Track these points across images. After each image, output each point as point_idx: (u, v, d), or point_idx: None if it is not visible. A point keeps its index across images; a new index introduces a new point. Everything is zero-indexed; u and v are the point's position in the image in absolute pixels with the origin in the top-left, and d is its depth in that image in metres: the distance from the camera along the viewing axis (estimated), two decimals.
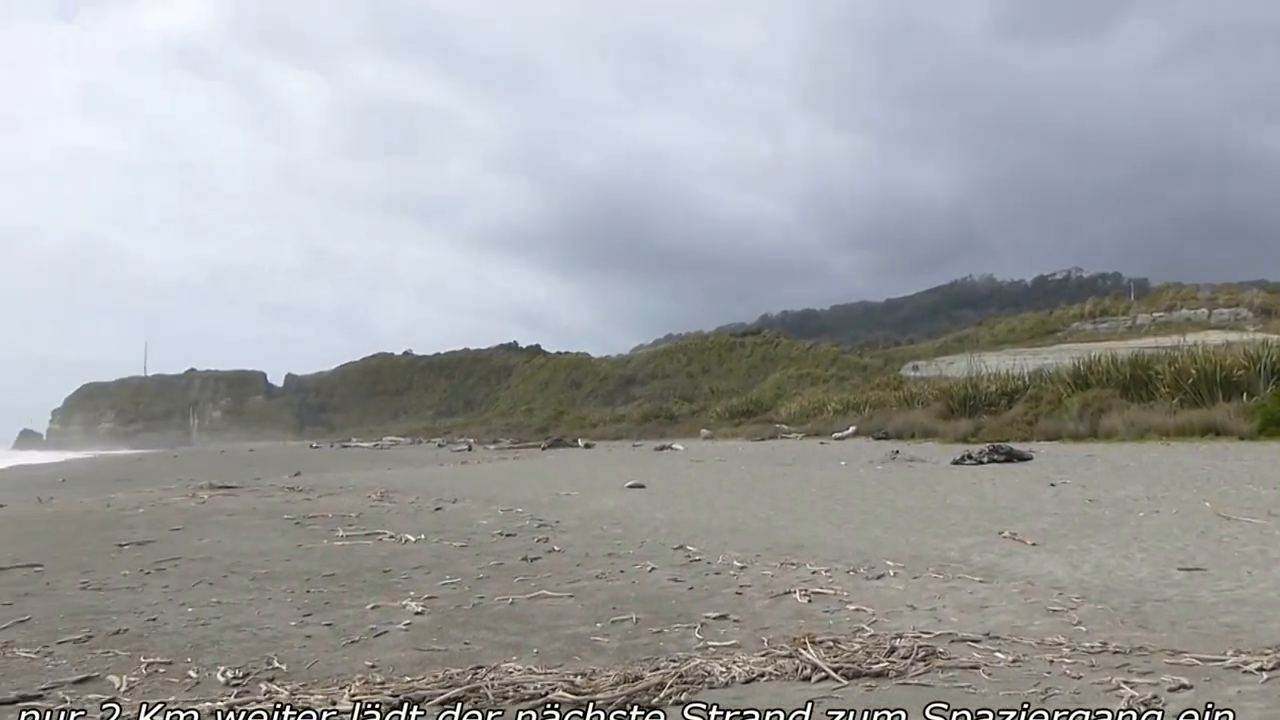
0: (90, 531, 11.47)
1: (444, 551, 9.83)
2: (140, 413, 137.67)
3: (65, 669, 5.35)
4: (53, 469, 43.88)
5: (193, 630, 6.31)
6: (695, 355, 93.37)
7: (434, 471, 26.65)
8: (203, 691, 4.93)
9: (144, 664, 5.42)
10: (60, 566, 8.84)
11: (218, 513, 13.58)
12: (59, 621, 6.53)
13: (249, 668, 5.34)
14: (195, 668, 5.37)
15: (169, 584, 7.98)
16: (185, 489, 18.36)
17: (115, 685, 5.03)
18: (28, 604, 7.13)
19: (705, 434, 47.47)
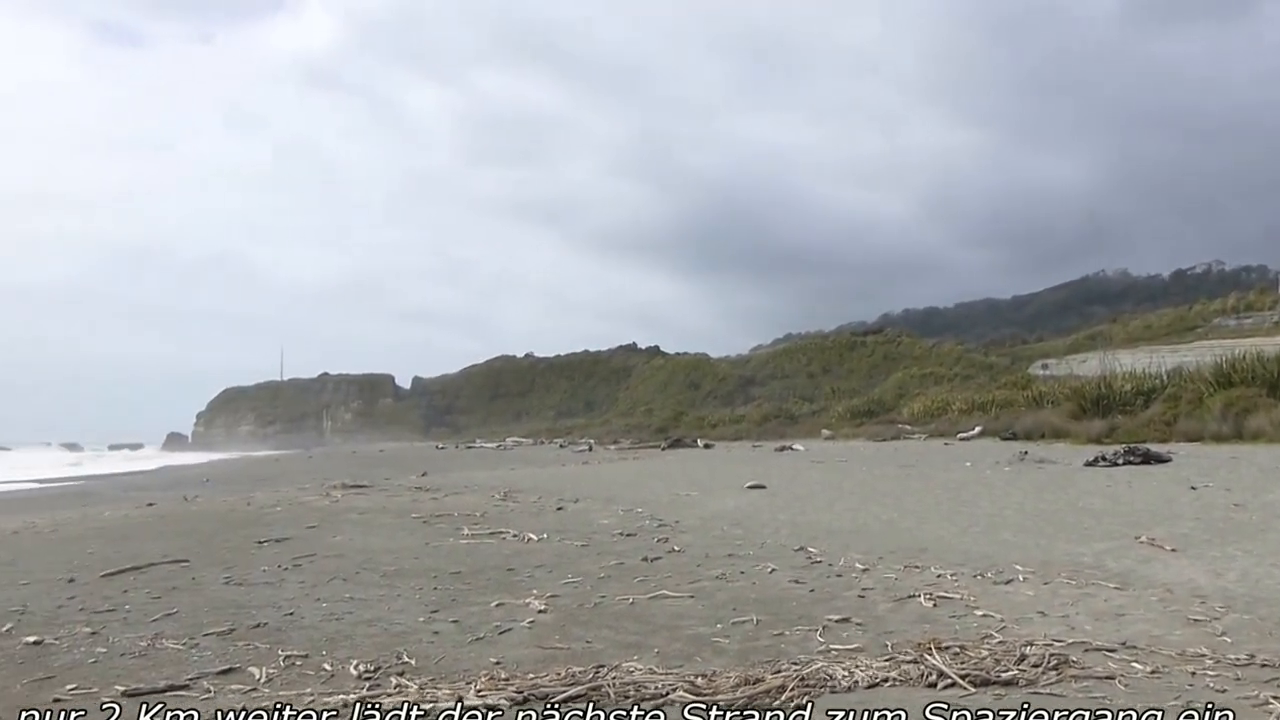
0: (232, 529, 12.01)
1: (566, 551, 9.96)
2: (277, 415, 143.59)
3: (210, 660, 5.62)
4: (197, 469, 46.15)
5: (327, 625, 6.55)
6: (815, 355, 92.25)
7: (555, 472, 27.02)
8: (336, 684, 5.12)
9: (282, 656, 5.65)
10: (205, 562, 9.29)
11: (350, 511, 14.05)
12: (204, 615, 6.86)
13: (380, 662, 5.52)
14: (329, 661, 5.57)
15: (305, 580, 8.30)
16: (319, 488, 19.05)
17: (256, 676, 5.26)
18: (175, 598, 7.51)
19: (826, 434, 46.85)
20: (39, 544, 11.16)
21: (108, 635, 6.23)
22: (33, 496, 27.28)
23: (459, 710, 4.49)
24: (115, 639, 6.12)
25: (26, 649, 5.90)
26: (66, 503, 21.04)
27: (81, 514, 15.80)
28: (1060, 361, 57.22)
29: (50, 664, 5.55)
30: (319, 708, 4.62)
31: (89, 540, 11.22)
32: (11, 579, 8.49)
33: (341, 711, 4.57)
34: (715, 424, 64.55)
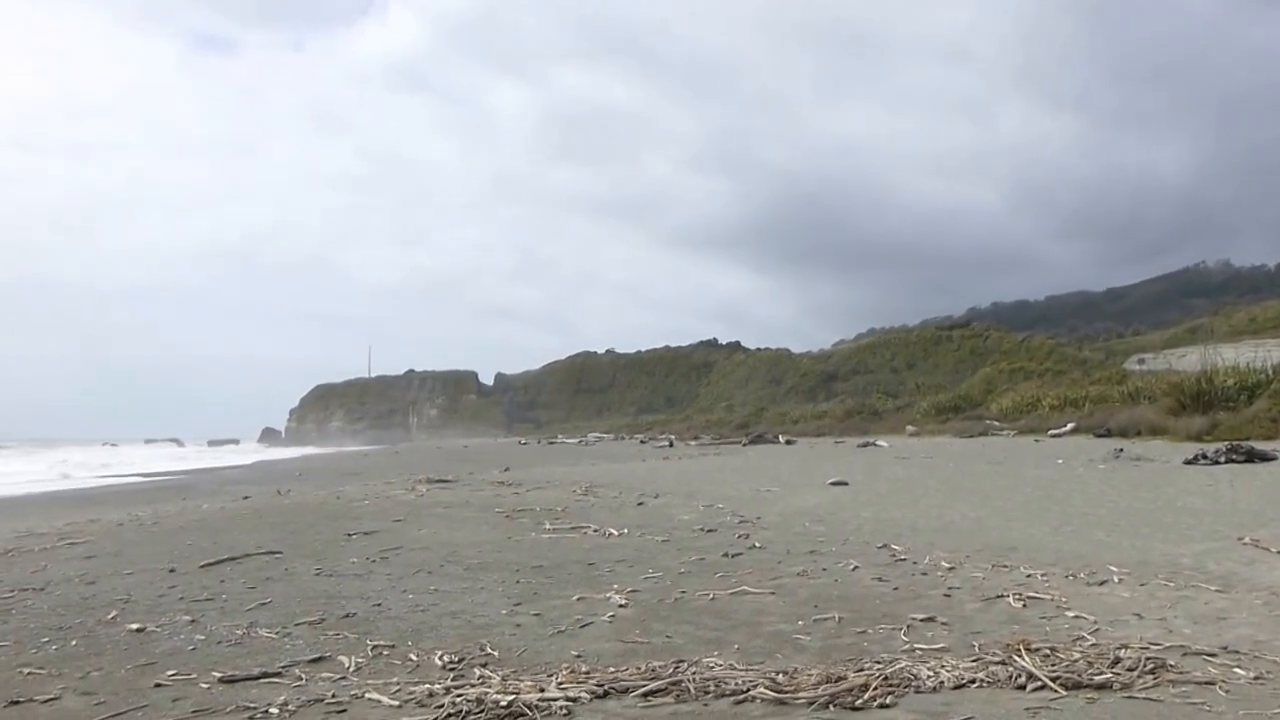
0: (323, 522, 12.31)
1: (646, 546, 9.99)
2: (365, 411, 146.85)
3: (301, 649, 5.78)
4: (290, 463, 47.41)
5: (413, 616, 6.68)
6: (899, 350, 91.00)
7: (636, 467, 27.10)
8: (422, 674, 5.22)
9: (370, 646, 5.78)
10: (297, 554, 9.54)
11: (435, 505, 14.29)
12: (296, 605, 7.05)
13: (464, 653, 5.61)
14: (415, 651, 5.68)
15: (392, 572, 8.48)
16: (406, 483, 19.42)
17: (345, 665, 5.39)
18: (269, 588, 7.73)
19: (910, 430, 46.16)
20: (142, 536, 11.59)
21: (206, 624, 6.44)
22: (136, 490, 28.33)
23: (541, 701, 4.55)
24: (213, 627, 6.33)
25: (130, 636, 6.14)
26: (167, 496, 21.80)
27: (181, 507, 16.36)
28: (1158, 356, 55.52)
29: (152, 650, 5.77)
30: (405, 697, 4.71)
31: (188, 532, 11.61)
32: (116, 569, 8.83)
33: (426, 701, 4.65)
34: (797, 420, 64.11)
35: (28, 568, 9.13)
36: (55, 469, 46.63)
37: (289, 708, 4.58)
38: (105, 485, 33.20)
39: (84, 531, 12.17)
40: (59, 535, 11.85)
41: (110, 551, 10.09)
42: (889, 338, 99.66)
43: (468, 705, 4.50)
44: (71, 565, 9.18)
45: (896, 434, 45.53)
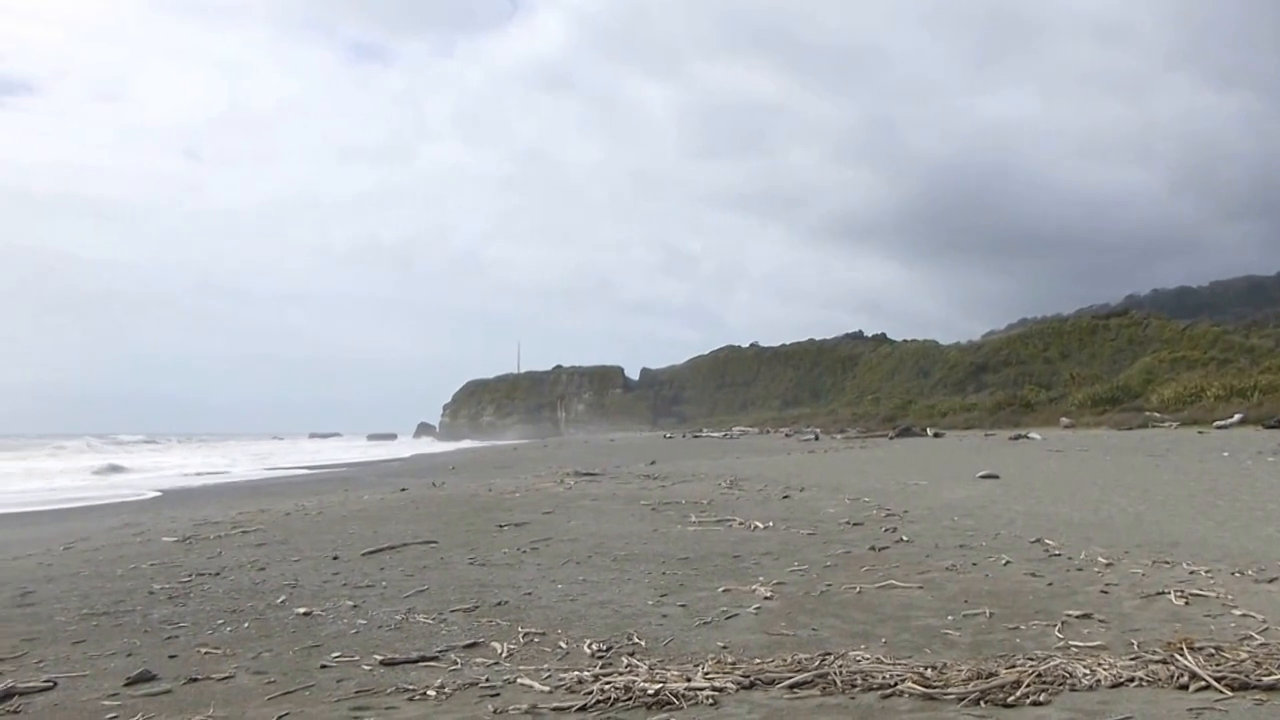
0: (475, 513, 12.72)
1: (792, 539, 9.95)
2: (515, 406, 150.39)
3: (456, 635, 6.01)
4: (444, 457, 49.01)
5: (562, 605, 6.84)
6: (1053, 339, 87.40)
7: (781, 460, 26.94)
8: (571, 661, 5.35)
9: (521, 634, 5.96)
10: (451, 544, 9.90)
11: (583, 498, 14.57)
12: (451, 592, 7.32)
13: (611, 641, 5.72)
14: (565, 639, 5.83)
15: (541, 562, 8.70)
16: (554, 476, 19.86)
17: (498, 651, 5.58)
18: (426, 576, 8.05)
19: (1065, 423, 44.38)
20: (307, 525, 12.21)
21: (367, 609, 6.76)
22: (302, 482, 29.82)
23: (688, 690, 4.61)
24: (374, 612, 6.64)
25: (298, 619, 6.50)
26: (330, 488, 22.87)
27: (344, 498, 17.15)
28: None
29: (318, 633, 6.09)
30: (555, 683, 4.85)
31: (350, 522, 12.18)
32: (284, 556, 9.35)
33: (575, 687, 4.77)
34: (945, 412, 62.45)
35: (205, 554, 9.75)
36: (228, 462, 49.56)
37: (445, 690, 4.77)
38: (273, 477, 35.05)
39: (255, 520, 12.91)
40: (232, 524, 12.59)
41: (279, 540, 10.67)
42: (1042, 327, 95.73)
43: (616, 692, 4.60)
44: (244, 552, 9.75)
45: (1050, 426, 43.84)
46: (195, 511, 16.14)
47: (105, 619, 6.66)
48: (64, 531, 13.79)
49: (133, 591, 7.66)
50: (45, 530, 14.84)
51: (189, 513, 16.04)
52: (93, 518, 17.78)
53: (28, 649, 5.86)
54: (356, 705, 4.57)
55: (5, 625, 6.55)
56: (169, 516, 15.65)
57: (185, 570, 8.64)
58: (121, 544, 11.05)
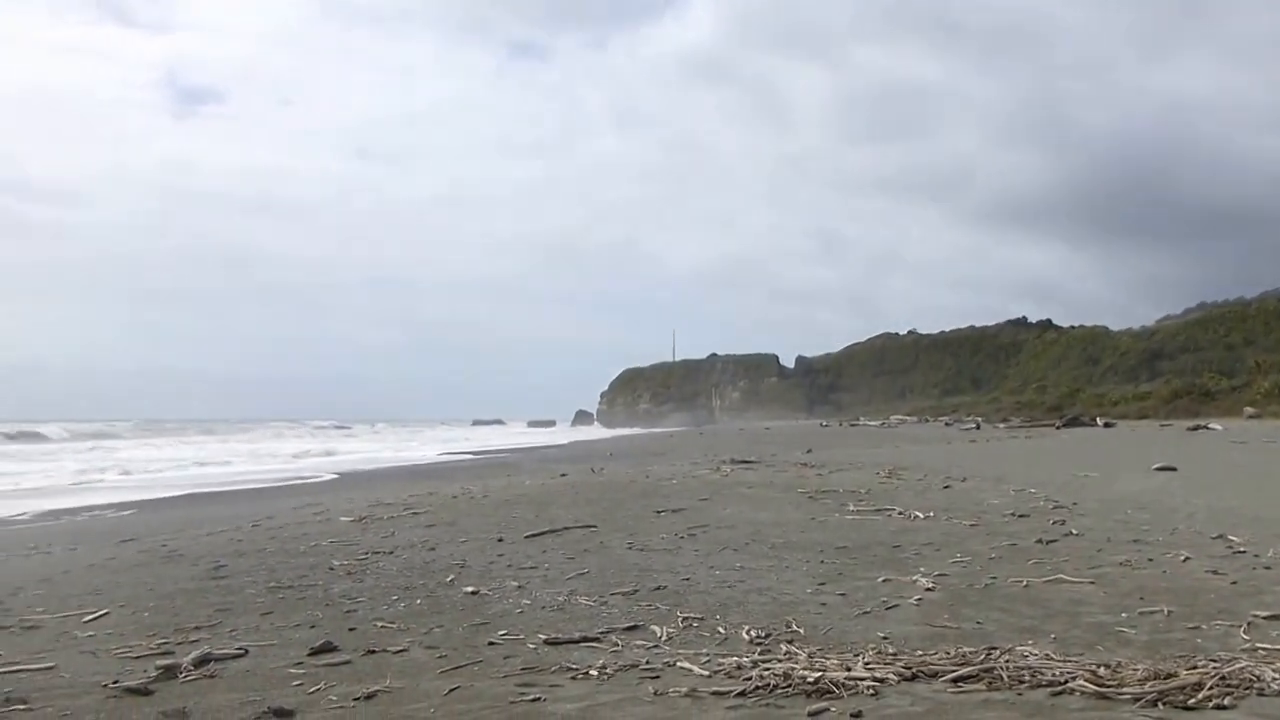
0: (633, 499, 12.90)
1: (953, 530, 9.70)
2: (670, 394, 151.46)
3: (617, 617, 6.12)
4: (602, 443, 49.84)
5: (720, 591, 6.88)
6: (1235, 325, 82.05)
7: (941, 450, 26.26)
8: (730, 646, 5.38)
9: (680, 618, 6.03)
10: (610, 528, 10.08)
11: (739, 485, 14.58)
12: (610, 576, 7.46)
13: (770, 629, 5.72)
14: (723, 625, 5.86)
15: (699, 548, 8.76)
16: (710, 463, 19.93)
17: (657, 634, 5.66)
18: (586, 560, 8.23)
19: (1249, 413, 41.63)
20: (473, 508, 12.65)
21: (531, 590, 6.97)
22: (467, 466, 30.89)
23: (849, 680, 4.57)
24: (537, 593, 6.84)
25: (466, 598, 6.75)
26: (494, 472, 23.60)
27: (507, 482, 17.69)
28: None
29: (485, 612, 6.32)
30: (714, 668, 4.89)
31: (514, 506, 12.55)
32: (452, 537, 9.72)
33: (734, 673, 4.79)
34: (1116, 401, 59.51)
35: (379, 534, 10.23)
36: (393, 447, 51.78)
37: (607, 670, 4.88)
38: (440, 461, 36.42)
39: (424, 503, 13.46)
40: (403, 505, 13.17)
41: (447, 521, 11.10)
42: (1223, 312, 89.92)
43: (775, 679, 4.60)
44: (415, 533, 10.18)
45: (1232, 417, 41.21)
46: (369, 493, 16.94)
47: (290, 592, 7.09)
48: (252, 510, 14.70)
49: (314, 567, 8.12)
50: (237, 508, 15.86)
51: (364, 494, 16.85)
52: (278, 497, 18.91)
53: (221, 619, 6.29)
54: (523, 682, 4.72)
55: (202, 596, 7.05)
56: (346, 497, 16.49)
57: (362, 548, 9.09)
58: (304, 522, 11.71)
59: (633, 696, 4.48)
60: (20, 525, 15.09)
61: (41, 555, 10.22)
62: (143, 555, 9.44)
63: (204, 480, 26.63)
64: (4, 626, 6.31)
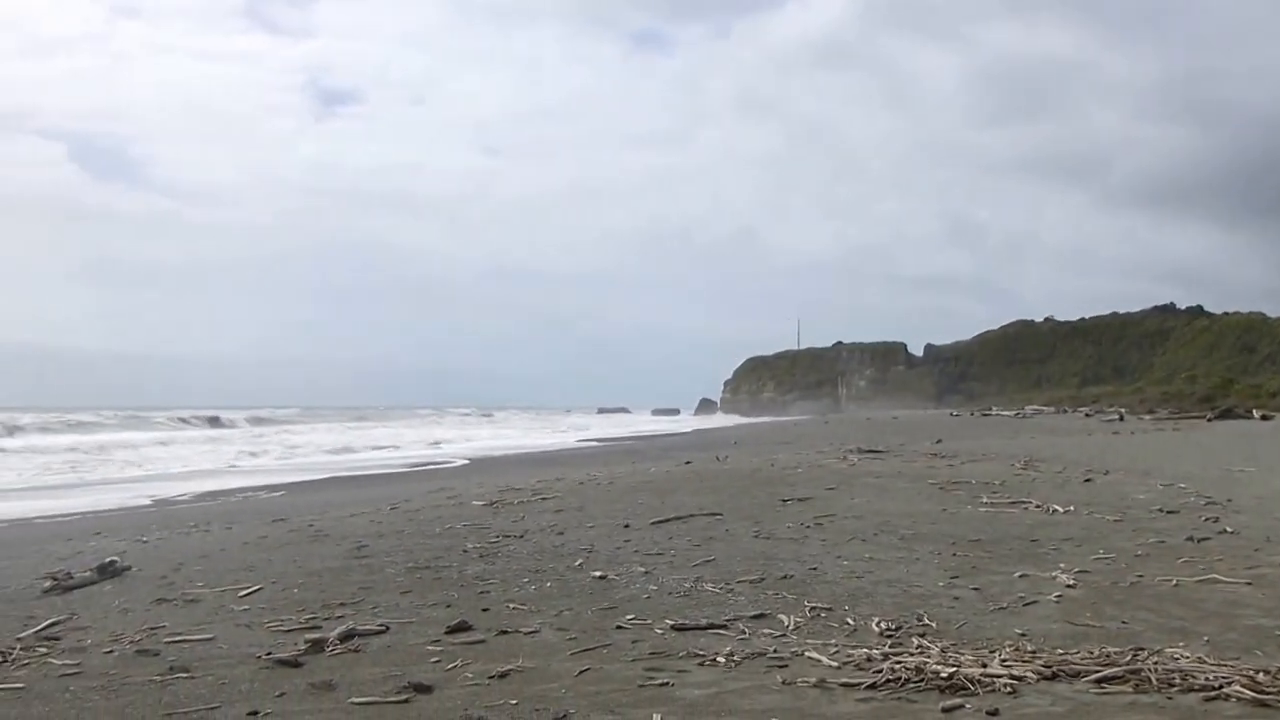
0: (758, 487, 12.84)
1: (1095, 525, 9.34)
2: (795, 383, 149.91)
3: (743, 605, 6.11)
4: (725, 432, 49.74)
5: (848, 581, 6.79)
6: None
7: (1080, 441, 25.28)
8: (859, 638, 5.31)
9: (807, 607, 5.98)
10: (735, 516, 10.05)
11: (866, 475, 14.34)
12: (736, 564, 7.45)
13: (900, 621, 5.63)
14: (852, 616, 5.79)
15: (826, 538, 8.67)
16: (836, 452, 19.65)
17: (784, 623, 5.63)
18: (711, 547, 8.24)
19: None
20: (599, 494, 12.80)
21: (657, 575, 7.02)
22: (592, 453, 31.29)
23: (984, 676, 4.46)
24: (663, 579, 6.88)
25: (594, 582, 6.84)
26: (619, 459, 23.82)
27: (632, 469, 17.82)
28: None
29: (613, 596, 6.39)
30: (843, 659, 4.83)
31: (639, 492, 12.64)
32: (580, 522, 9.86)
33: (864, 665, 4.73)
34: (1275, 393, 56.06)
35: (509, 518, 10.45)
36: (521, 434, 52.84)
37: (734, 658, 4.88)
38: (566, 448, 36.99)
39: (552, 488, 13.68)
40: (532, 491, 13.41)
41: (574, 506, 11.26)
42: None
43: (906, 673, 4.52)
44: (544, 517, 10.37)
45: None
46: (499, 478, 17.33)
47: (427, 573, 7.31)
48: (390, 494, 15.22)
49: (449, 549, 8.35)
50: (376, 491, 16.45)
51: (494, 479, 17.25)
52: (414, 481, 19.54)
53: (364, 596, 6.54)
54: (650, 666, 4.76)
55: (345, 575, 7.34)
56: (477, 482, 16.90)
57: (493, 532, 9.31)
58: (438, 506, 12.06)
59: (760, 685, 4.47)
60: (182, 505, 15.98)
61: (200, 533, 10.79)
62: (291, 534, 9.87)
63: (346, 465, 27.71)
64: (168, 599, 6.70)
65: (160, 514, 14.37)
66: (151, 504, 16.38)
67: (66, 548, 9.92)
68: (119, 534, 11.04)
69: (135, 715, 4.19)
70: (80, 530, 11.88)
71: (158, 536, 10.55)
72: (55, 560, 8.78)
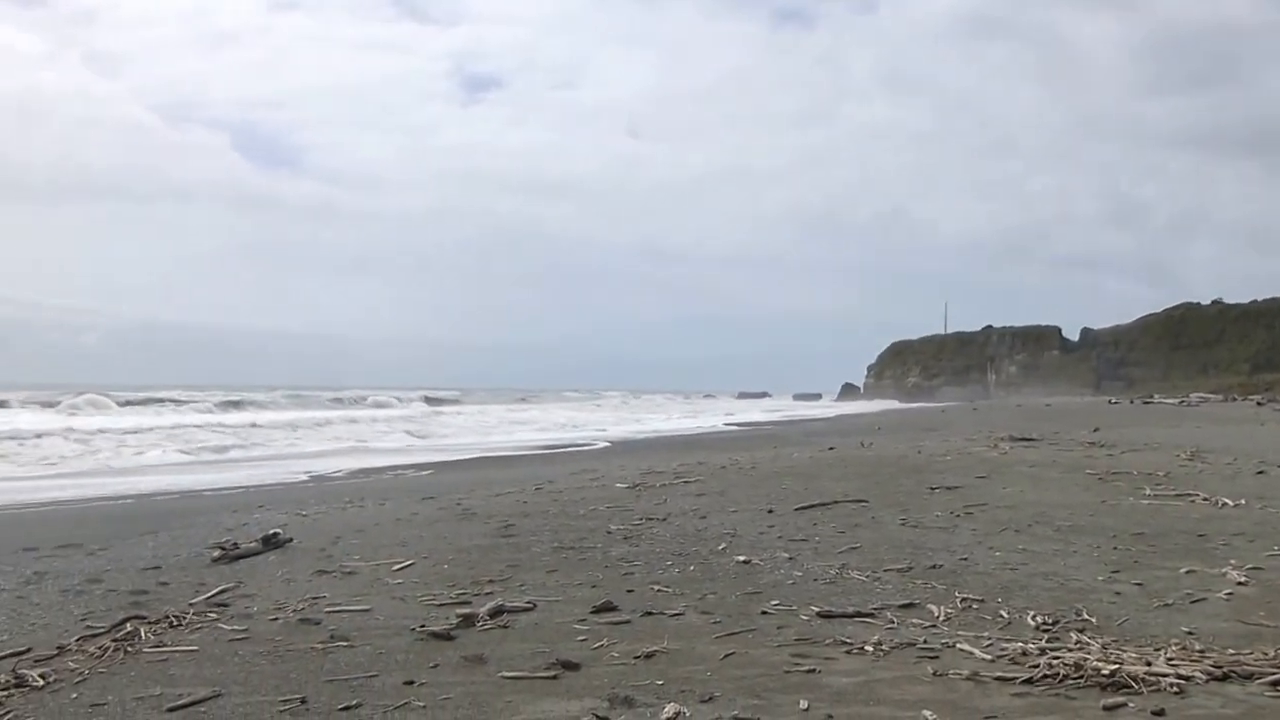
0: (905, 474, 12.57)
1: (1270, 519, 8.79)
2: (942, 368, 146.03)
3: (890, 594, 6.00)
4: (868, 417, 48.92)
5: (1001, 573, 6.59)
6: None
7: (1252, 431, 23.83)
8: (1013, 631, 5.15)
9: (958, 599, 5.83)
10: (881, 503, 9.87)
11: (1019, 463, 13.87)
12: (884, 552, 7.32)
13: (1057, 615, 5.42)
14: (1005, 609, 5.61)
15: (977, 528, 8.42)
16: (986, 440, 19.06)
17: (934, 614, 5.50)
18: (857, 534, 8.12)
19: None
20: (741, 478, 12.77)
21: (802, 562, 6.96)
22: (733, 437, 31.24)
23: (1148, 674, 4.26)
24: (808, 565, 6.82)
25: (738, 567, 6.84)
26: (759, 444, 23.70)
27: (773, 454, 17.71)
28: None
29: (757, 581, 6.37)
30: (997, 652, 4.69)
31: (782, 478, 12.55)
32: (722, 507, 9.86)
33: (1019, 659, 4.58)
34: None
35: (652, 500, 10.54)
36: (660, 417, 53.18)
37: (882, 647, 4.79)
38: (707, 432, 37.04)
39: (694, 472, 13.73)
40: (673, 474, 13.48)
41: (716, 491, 11.27)
42: None
43: (1065, 669, 4.35)
44: (686, 501, 10.41)
45: None
46: (640, 461, 17.48)
47: (572, 553, 7.44)
48: (534, 474, 15.56)
49: (593, 530, 8.48)
50: (520, 472, 16.84)
51: (635, 462, 17.41)
52: (557, 463, 19.91)
53: (511, 574, 6.71)
54: (796, 652, 4.73)
55: (493, 552, 7.54)
56: (618, 465, 17.10)
57: (636, 514, 9.40)
58: (582, 487, 12.26)
59: (910, 675, 4.39)
60: (337, 482, 16.72)
61: (355, 509, 11.27)
62: (441, 512, 10.21)
63: (490, 446, 28.48)
64: (327, 571, 7.03)
65: (317, 489, 15.07)
66: (309, 479, 17.19)
67: (232, 519, 10.51)
68: (280, 507, 11.63)
69: (299, 680, 4.41)
70: (244, 503, 12.57)
71: (316, 511, 11.06)
72: (223, 531, 9.33)
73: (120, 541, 8.95)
